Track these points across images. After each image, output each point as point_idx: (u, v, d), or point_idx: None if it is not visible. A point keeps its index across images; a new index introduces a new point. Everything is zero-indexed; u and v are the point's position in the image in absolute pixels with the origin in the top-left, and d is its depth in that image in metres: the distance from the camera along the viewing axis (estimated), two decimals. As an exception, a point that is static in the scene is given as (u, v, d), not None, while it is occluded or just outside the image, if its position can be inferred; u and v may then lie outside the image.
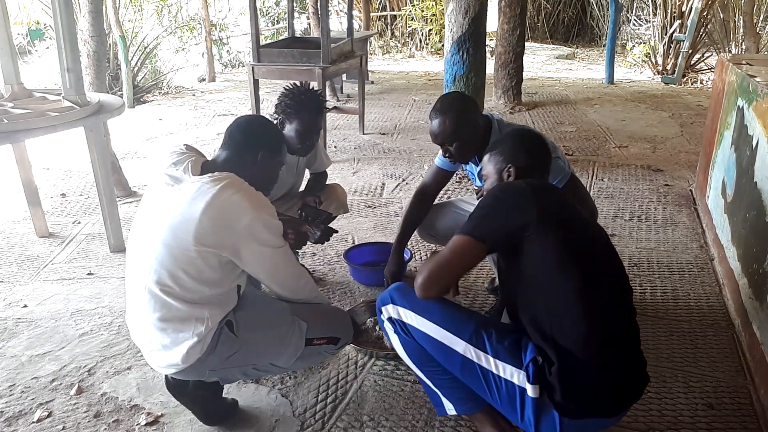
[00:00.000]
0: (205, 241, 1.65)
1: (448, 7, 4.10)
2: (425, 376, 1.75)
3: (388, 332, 1.76)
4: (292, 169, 2.68)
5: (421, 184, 2.58)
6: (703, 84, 7.63)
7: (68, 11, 2.90)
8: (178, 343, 1.71)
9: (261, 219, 1.69)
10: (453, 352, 1.61)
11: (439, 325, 1.62)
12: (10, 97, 3.01)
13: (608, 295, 1.57)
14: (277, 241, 1.76)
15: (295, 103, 2.42)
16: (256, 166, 1.82)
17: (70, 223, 3.55)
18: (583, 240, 1.60)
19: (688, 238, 3.32)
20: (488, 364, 1.56)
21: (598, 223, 1.84)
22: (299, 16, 10.39)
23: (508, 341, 1.57)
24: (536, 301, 1.56)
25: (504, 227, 1.58)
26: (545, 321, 1.53)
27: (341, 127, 5.63)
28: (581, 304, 1.51)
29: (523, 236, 1.55)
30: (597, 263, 1.59)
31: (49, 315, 2.60)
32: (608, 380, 1.52)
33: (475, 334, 1.59)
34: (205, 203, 1.64)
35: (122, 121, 5.56)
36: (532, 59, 9.26)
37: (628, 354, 1.57)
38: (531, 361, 1.51)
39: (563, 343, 1.50)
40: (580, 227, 1.63)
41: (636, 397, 1.59)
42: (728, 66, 3.34)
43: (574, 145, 5.06)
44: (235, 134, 1.83)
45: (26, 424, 1.98)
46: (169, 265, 1.68)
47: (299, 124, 2.42)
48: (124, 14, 7.27)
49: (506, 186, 1.70)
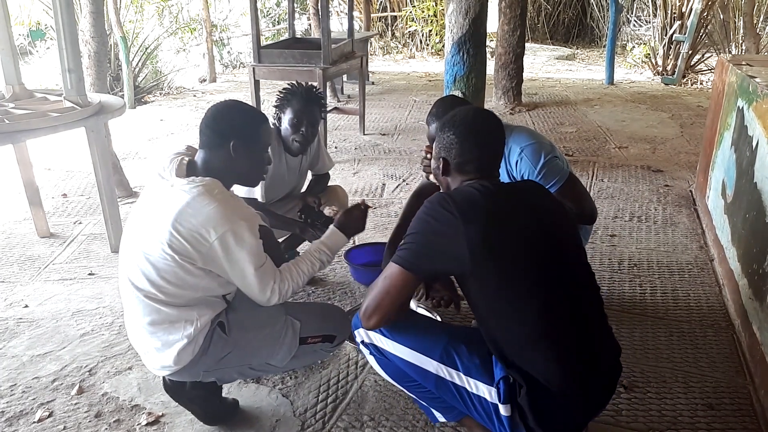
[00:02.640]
0: (178, 250, 1.63)
1: (448, 8, 4.11)
2: (408, 391, 1.75)
3: (365, 355, 1.76)
4: (295, 171, 2.69)
5: (419, 185, 2.57)
6: (703, 85, 7.63)
7: (69, 12, 2.91)
8: (169, 345, 1.71)
9: (232, 231, 1.63)
10: (426, 372, 1.59)
11: (409, 347, 1.60)
12: (12, 98, 3.02)
13: (569, 312, 1.49)
14: (246, 253, 1.66)
15: (287, 93, 2.47)
16: (232, 159, 1.72)
17: (71, 223, 3.56)
18: (533, 260, 1.48)
19: (688, 239, 3.32)
20: (461, 382, 1.55)
21: (565, 222, 1.65)
22: (300, 17, 10.40)
23: (479, 358, 1.54)
24: (493, 330, 1.52)
25: (433, 267, 1.51)
26: (505, 349, 1.49)
27: (342, 127, 5.64)
28: (538, 332, 1.45)
29: (459, 274, 1.50)
30: (552, 281, 1.49)
31: (50, 315, 2.61)
32: (577, 401, 1.49)
33: (444, 352, 1.56)
34: (176, 212, 1.61)
35: (123, 122, 5.56)
36: (533, 60, 9.26)
37: (599, 365, 1.52)
38: (502, 379, 1.47)
39: (527, 369, 1.46)
40: (531, 242, 1.49)
41: (608, 399, 1.58)
42: (728, 67, 3.35)
43: (574, 145, 5.07)
44: (204, 130, 1.74)
45: (27, 424, 1.98)
46: (151, 274, 1.67)
47: (291, 112, 2.46)
48: (125, 15, 7.27)
49: (432, 210, 1.51)
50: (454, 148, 1.62)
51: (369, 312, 1.54)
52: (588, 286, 1.60)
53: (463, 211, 1.47)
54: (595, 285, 1.62)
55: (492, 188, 1.54)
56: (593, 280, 1.62)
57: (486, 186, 1.54)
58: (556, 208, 1.65)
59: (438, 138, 1.66)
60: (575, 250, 1.62)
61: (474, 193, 1.52)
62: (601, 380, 1.54)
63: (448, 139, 1.63)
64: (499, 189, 1.57)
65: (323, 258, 1.90)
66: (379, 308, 1.53)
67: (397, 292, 1.52)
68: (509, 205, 1.54)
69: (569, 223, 1.66)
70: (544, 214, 1.59)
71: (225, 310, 1.79)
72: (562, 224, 1.63)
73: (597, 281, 1.65)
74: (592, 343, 1.53)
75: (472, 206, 1.49)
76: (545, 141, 2.26)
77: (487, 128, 1.65)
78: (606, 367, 1.56)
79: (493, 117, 1.68)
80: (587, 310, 1.55)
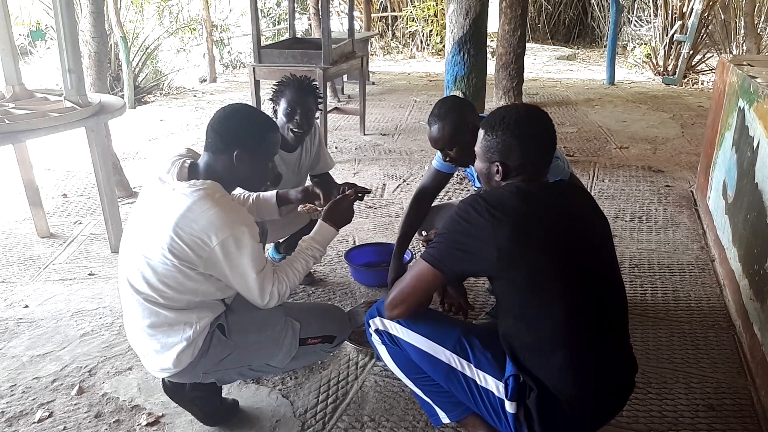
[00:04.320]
0: (178, 255, 1.62)
1: (449, 8, 4.10)
2: (415, 386, 1.76)
3: (375, 345, 1.77)
4: (293, 167, 2.67)
5: (419, 187, 2.57)
6: (704, 85, 7.63)
7: (69, 12, 2.90)
8: (168, 347, 1.71)
9: (233, 237, 1.62)
10: (438, 361, 1.61)
11: (424, 335, 1.63)
12: (12, 98, 3.02)
13: (593, 325, 1.48)
14: (247, 258, 1.65)
15: (281, 84, 2.49)
16: (234, 167, 1.70)
17: (72, 223, 3.56)
18: (562, 267, 1.46)
19: (689, 239, 3.32)
20: (471, 373, 1.56)
21: (600, 228, 1.63)
22: (300, 17, 10.39)
23: (492, 352, 1.55)
24: (511, 331, 1.52)
25: (461, 267, 1.52)
26: (520, 352, 1.49)
27: (342, 127, 5.63)
28: (559, 340, 1.45)
29: (487, 275, 1.52)
30: (579, 291, 1.47)
31: (50, 315, 2.61)
32: (584, 412, 1.48)
33: (458, 343, 1.59)
34: (178, 216, 1.60)
35: (123, 122, 5.56)
36: (533, 60, 9.26)
37: (614, 380, 1.52)
38: (512, 376, 1.48)
39: (538, 374, 1.46)
40: (561, 248, 1.47)
41: (616, 413, 1.58)
42: (729, 67, 3.34)
43: (575, 146, 5.06)
44: (210, 133, 1.72)
45: (27, 425, 1.98)
46: (150, 278, 1.67)
47: (285, 102, 2.46)
48: (126, 15, 7.27)
49: (464, 212, 1.50)
50: (514, 151, 1.55)
51: (395, 303, 1.60)
52: (616, 298, 1.57)
53: (494, 214, 1.46)
54: (623, 294, 1.60)
55: (527, 189, 1.52)
56: (622, 289, 1.60)
57: (521, 188, 1.52)
58: (592, 211, 1.64)
59: (489, 141, 1.59)
60: (608, 258, 1.60)
61: (507, 195, 1.50)
62: (613, 397, 1.54)
63: (505, 142, 1.56)
64: (534, 190, 1.54)
65: (315, 254, 1.89)
66: (405, 301, 1.59)
67: (423, 289, 1.57)
68: (542, 207, 1.51)
69: (605, 228, 1.63)
70: (579, 217, 1.57)
71: (224, 312, 1.79)
72: (597, 228, 1.61)
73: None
74: (613, 357, 1.53)
75: (503, 208, 1.47)
76: None
77: (544, 128, 1.62)
78: (620, 382, 1.56)
79: (545, 116, 1.64)
80: (612, 324, 1.54)
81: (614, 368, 1.53)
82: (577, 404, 1.46)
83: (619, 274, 1.62)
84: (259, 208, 2.17)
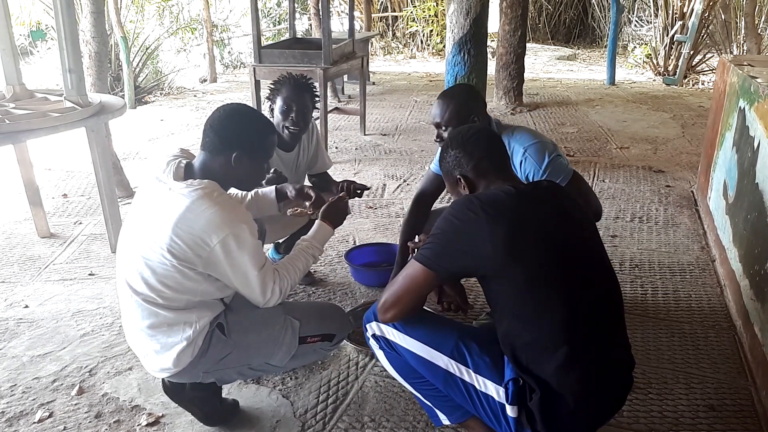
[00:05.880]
0: (178, 255, 1.62)
1: (449, 8, 4.11)
2: (414, 389, 1.75)
3: (374, 349, 1.76)
4: (290, 167, 2.66)
5: (418, 192, 2.56)
6: (705, 85, 7.63)
7: (70, 12, 2.90)
8: (168, 347, 1.71)
9: (233, 235, 1.62)
10: (436, 367, 1.60)
11: (420, 341, 1.61)
12: (12, 98, 3.02)
13: (593, 320, 1.49)
14: (248, 256, 1.66)
15: (277, 83, 2.50)
16: (232, 168, 1.71)
17: (72, 223, 3.56)
18: (559, 264, 1.47)
19: (690, 240, 3.31)
20: (470, 378, 1.56)
21: (588, 225, 1.65)
22: (300, 17, 10.40)
23: (490, 356, 1.55)
24: (511, 332, 1.51)
25: (455, 267, 1.52)
26: (521, 353, 1.48)
27: (342, 128, 5.63)
28: (560, 338, 1.45)
29: (482, 276, 1.51)
30: (577, 287, 1.48)
31: (51, 315, 2.60)
32: (588, 409, 1.49)
33: (455, 348, 1.57)
34: (177, 217, 1.60)
35: (124, 122, 5.56)
36: (534, 60, 9.26)
37: (614, 376, 1.52)
38: (512, 380, 1.47)
39: (541, 374, 1.45)
40: (557, 246, 1.49)
41: (617, 410, 1.59)
42: (730, 67, 3.34)
43: (576, 146, 5.06)
44: (208, 133, 1.72)
45: (27, 425, 1.98)
46: (149, 278, 1.67)
47: (281, 100, 2.47)
48: (126, 15, 7.27)
49: (457, 211, 1.52)
50: (462, 159, 1.65)
51: (387, 305, 1.57)
52: (612, 293, 1.58)
53: (488, 212, 1.47)
54: (618, 291, 1.60)
55: (517, 190, 1.54)
56: (617, 286, 1.60)
57: (511, 189, 1.54)
58: (580, 210, 1.65)
59: (445, 164, 1.70)
60: (600, 254, 1.61)
61: (500, 195, 1.53)
62: (614, 392, 1.54)
63: (452, 157, 1.67)
64: (524, 191, 1.57)
65: (315, 253, 1.92)
66: (398, 303, 1.56)
67: (416, 290, 1.55)
68: (535, 207, 1.53)
69: (592, 225, 1.66)
70: (570, 217, 1.58)
71: (224, 311, 1.79)
72: (587, 227, 1.63)
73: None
74: (611, 353, 1.53)
75: (497, 207, 1.49)
76: (547, 140, 2.25)
77: (474, 131, 1.72)
78: (620, 378, 1.56)
79: (474, 125, 1.76)
80: (610, 320, 1.55)
81: (614, 362, 1.54)
82: (581, 400, 1.46)
83: (612, 269, 1.63)
84: (258, 203, 2.20)
